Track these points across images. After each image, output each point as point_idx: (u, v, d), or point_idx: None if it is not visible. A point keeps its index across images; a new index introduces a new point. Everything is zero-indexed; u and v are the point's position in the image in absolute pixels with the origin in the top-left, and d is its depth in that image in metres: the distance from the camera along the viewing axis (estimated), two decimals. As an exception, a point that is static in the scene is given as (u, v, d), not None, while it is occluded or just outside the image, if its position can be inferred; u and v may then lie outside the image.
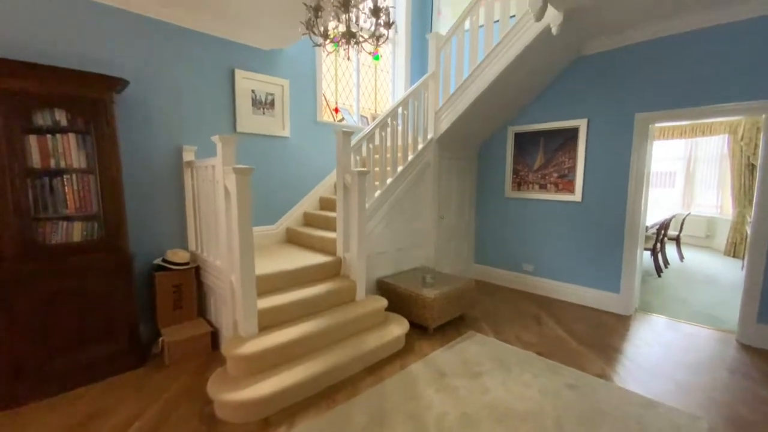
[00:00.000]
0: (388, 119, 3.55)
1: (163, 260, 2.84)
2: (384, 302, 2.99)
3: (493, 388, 2.33)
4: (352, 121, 4.69)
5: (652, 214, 5.66)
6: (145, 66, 2.86)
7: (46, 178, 2.22)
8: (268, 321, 2.46)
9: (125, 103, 2.76)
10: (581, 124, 3.73)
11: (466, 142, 4.38)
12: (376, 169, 3.73)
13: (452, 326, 3.27)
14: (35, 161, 2.17)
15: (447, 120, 3.85)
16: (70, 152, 2.28)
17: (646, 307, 3.78)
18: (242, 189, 2.25)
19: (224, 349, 2.22)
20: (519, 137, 4.25)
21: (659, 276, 4.92)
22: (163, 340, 2.60)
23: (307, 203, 4.06)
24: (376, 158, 3.80)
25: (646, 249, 4.70)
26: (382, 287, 3.41)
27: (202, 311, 3.02)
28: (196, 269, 2.95)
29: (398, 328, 2.86)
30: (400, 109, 3.69)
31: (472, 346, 2.89)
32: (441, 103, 3.89)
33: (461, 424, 1.99)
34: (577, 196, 3.82)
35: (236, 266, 2.32)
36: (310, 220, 3.94)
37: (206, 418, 2.03)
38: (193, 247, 3.14)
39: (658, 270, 4.99)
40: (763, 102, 2.82)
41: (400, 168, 3.64)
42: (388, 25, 2.17)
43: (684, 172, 7.48)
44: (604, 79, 3.58)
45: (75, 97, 2.23)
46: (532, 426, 1.98)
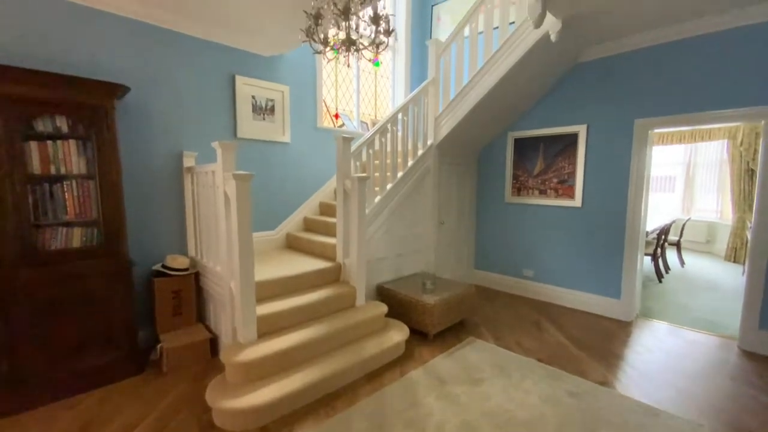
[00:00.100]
0: (388, 125, 3.56)
1: (163, 266, 2.84)
2: (384, 308, 2.98)
3: (494, 395, 2.32)
4: (353, 126, 4.71)
5: (652, 219, 5.66)
6: (146, 72, 2.87)
7: (46, 184, 2.23)
8: (268, 327, 2.45)
9: (126, 108, 2.77)
10: (581, 129, 3.74)
11: (466, 147, 4.39)
12: (376, 175, 3.73)
13: (452, 332, 3.26)
14: (35, 167, 2.18)
15: (447, 126, 3.86)
16: (71, 158, 2.29)
17: (647, 313, 3.76)
18: (242, 195, 2.25)
19: (223, 355, 2.21)
20: (519, 143, 4.26)
21: (660, 281, 4.91)
22: (161, 347, 2.59)
23: (307, 209, 4.07)
24: (376, 164, 3.81)
25: (646, 254, 4.68)
26: (382, 293, 3.40)
27: (202, 317, 3.01)
28: (196, 275, 2.95)
29: (398, 334, 2.85)
30: (400, 115, 3.70)
31: (473, 353, 2.87)
32: (441, 109, 3.91)
33: (461, 432, 1.97)
34: (577, 202, 3.82)
35: (236, 272, 2.32)
36: (310, 226, 3.94)
37: (205, 426, 2.01)
38: (192, 252, 3.14)
39: (659, 275, 4.98)
40: (761, 108, 2.83)
41: (400, 173, 3.64)
42: (388, 33, 2.19)
43: (684, 177, 7.49)
44: (603, 85, 3.59)
45: (76, 104, 2.24)
46: (533, 434, 1.97)
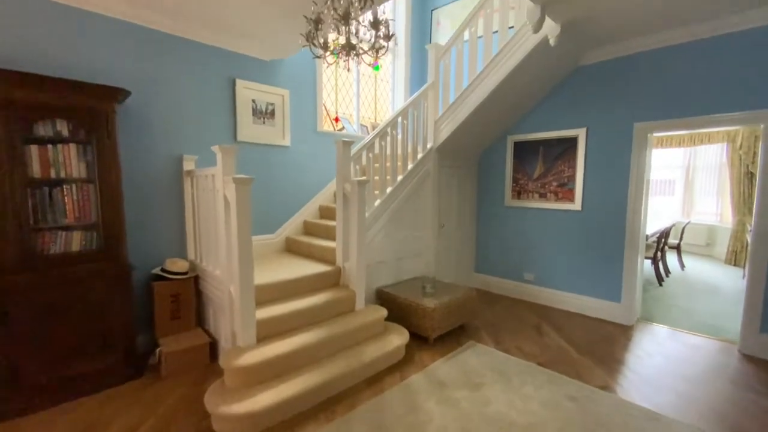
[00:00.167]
0: (388, 128, 3.57)
1: (162, 269, 2.83)
2: (384, 312, 2.98)
3: (494, 400, 2.31)
4: (352, 130, 4.71)
5: (652, 223, 5.66)
6: (147, 76, 2.88)
7: (46, 188, 2.23)
8: (267, 331, 2.44)
9: (126, 112, 2.78)
10: (580, 133, 3.75)
11: (466, 151, 4.39)
12: (376, 178, 3.73)
13: (452, 336, 3.25)
14: (35, 171, 2.18)
15: (447, 129, 3.87)
16: (71, 162, 2.29)
17: (647, 317, 3.75)
18: (242, 199, 2.25)
19: (222, 360, 2.20)
20: (518, 146, 4.26)
21: (660, 285, 4.90)
22: (160, 351, 2.58)
23: (307, 212, 4.06)
24: (376, 167, 3.81)
25: (646, 257, 4.68)
26: (382, 297, 3.39)
27: (201, 321, 3.00)
28: (195, 279, 2.94)
29: (398, 338, 2.84)
30: (400, 119, 3.71)
31: (473, 357, 2.86)
32: (441, 113, 3.91)
33: (462, 438, 1.96)
34: (577, 205, 3.82)
35: (235, 276, 2.31)
36: (309, 229, 3.94)
37: None
38: (192, 256, 3.14)
39: (659, 279, 4.97)
40: (761, 111, 2.83)
41: (400, 177, 3.65)
42: (388, 38, 2.19)
43: (683, 180, 7.50)
44: (602, 89, 3.60)
45: (76, 108, 2.24)
46: (534, 439, 1.96)
